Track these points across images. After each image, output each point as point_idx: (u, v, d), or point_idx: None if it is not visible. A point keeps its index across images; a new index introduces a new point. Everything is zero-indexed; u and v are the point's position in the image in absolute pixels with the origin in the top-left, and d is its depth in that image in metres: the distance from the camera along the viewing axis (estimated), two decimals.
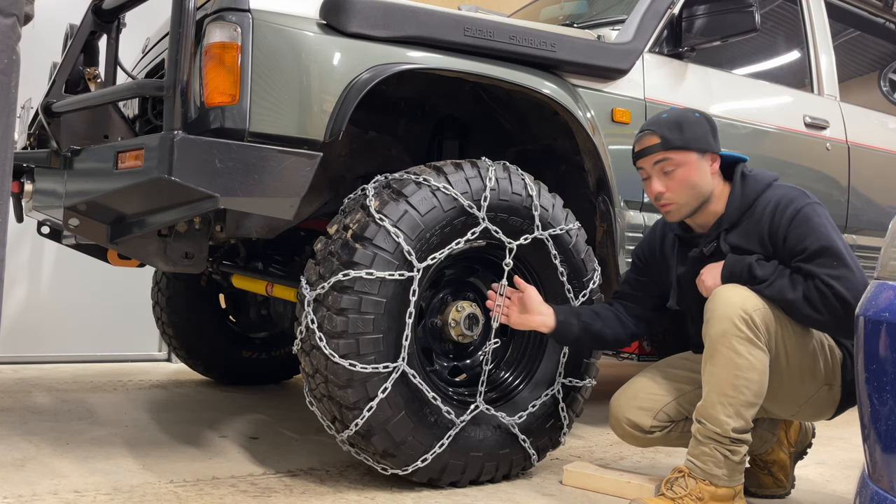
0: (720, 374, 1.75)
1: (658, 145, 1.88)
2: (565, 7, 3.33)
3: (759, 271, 1.80)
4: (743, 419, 1.75)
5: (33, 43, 2.90)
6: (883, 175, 3.28)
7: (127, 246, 1.92)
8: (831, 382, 1.86)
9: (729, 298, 1.77)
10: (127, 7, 2.15)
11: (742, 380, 1.74)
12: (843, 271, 1.72)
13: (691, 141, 1.88)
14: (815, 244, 1.76)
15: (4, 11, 1.22)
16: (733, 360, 1.74)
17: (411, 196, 1.91)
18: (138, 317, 3.87)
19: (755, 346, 1.75)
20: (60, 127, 2.12)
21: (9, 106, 1.24)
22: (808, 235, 1.77)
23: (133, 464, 2.08)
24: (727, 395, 1.74)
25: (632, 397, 2.02)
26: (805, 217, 1.79)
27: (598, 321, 2.05)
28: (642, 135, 1.93)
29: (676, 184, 1.88)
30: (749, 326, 1.74)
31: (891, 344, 1.23)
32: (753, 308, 1.75)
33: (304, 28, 1.85)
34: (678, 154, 1.88)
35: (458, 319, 2.08)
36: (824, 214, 1.82)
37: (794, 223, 1.80)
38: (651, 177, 1.92)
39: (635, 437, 2.02)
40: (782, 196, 1.84)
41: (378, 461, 1.94)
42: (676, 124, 1.89)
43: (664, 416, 1.99)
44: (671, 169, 1.88)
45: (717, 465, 1.76)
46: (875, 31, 3.69)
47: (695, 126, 1.89)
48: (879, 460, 1.25)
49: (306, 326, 1.87)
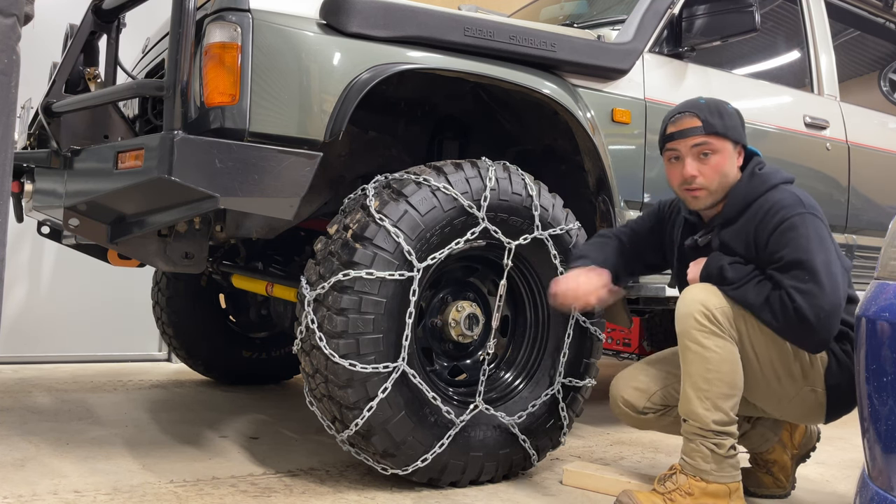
0: (691, 370, 1.80)
1: (699, 128, 1.88)
2: (565, 7, 3.33)
3: (730, 273, 1.82)
4: (721, 411, 1.78)
5: (33, 43, 2.90)
6: (883, 175, 3.28)
7: (127, 246, 1.92)
8: (814, 385, 1.85)
9: (692, 296, 1.81)
10: (127, 7, 2.15)
11: (712, 372, 1.77)
12: (811, 287, 1.70)
13: (730, 129, 1.89)
14: (790, 255, 1.74)
15: (4, 11, 1.22)
16: (701, 354, 1.78)
17: (411, 196, 1.91)
18: (138, 317, 3.86)
19: (719, 338, 1.77)
20: (60, 127, 2.13)
21: (9, 106, 1.24)
22: (787, 245, 1.76)
23: (133, 464, 2.08)
24: (701, 388, 1.78)
25: (630, 378, 2.05)
26: (790, 226, 1.77)
27: (613, 256, 2.06)
28: (681, 116, 1.91)
29: (710, 169, 1.88)
30: (710, 320, 1.77)
31: (891, 344, 1.23)
32: (715, 305, 1.79)
33: (304, 28, 1.85)
34: (717, 140, 1.88)
35: (458, 319, 2.08)
36: (814, 226, 1.78)
37: (777, 231, 1.79)
38: (683, 159, 1.90)
39: (630, 417, 2.05)
40: (777, 201, 1.83)
41: (378, 461, 1.94)
42: (718, 111, 1.89)
43: (658, 398, 2.01)
44: (708, 153, 1.88)
45: (704, 460, 1.79)
46: (875, 31, 3.69)
47: (733, 116, 1.91)
48: (879, 460, 1.25)
49: (306, 326, 1.87)
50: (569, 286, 1.96)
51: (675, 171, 1.93)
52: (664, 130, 1.95)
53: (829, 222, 3.00)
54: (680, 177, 1.91)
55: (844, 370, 1.84)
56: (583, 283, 1.96)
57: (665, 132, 1.94)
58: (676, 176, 1.92)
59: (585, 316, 2.22)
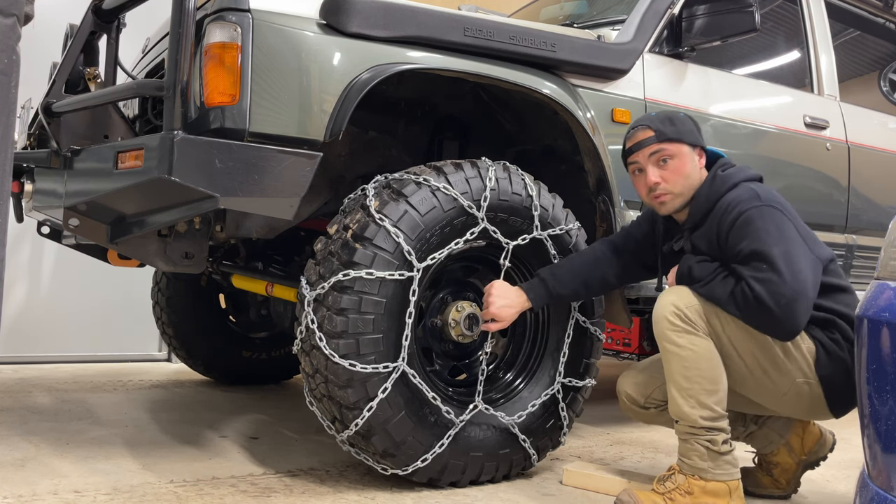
0: (671, 369, 1.84)
1: (652, 137, 1.96)
2: (565, 7, 3.33)
3: (697, 272, 1.88)
4: (706, 408, 1.81)
5: (33, 43, 2.90)
6: (883, 175, 3.28)
7: (127, 246, 1.92)
8: (806, 378, 1.85)
9: (664, 299, 1.87)
10: (127, 7, 2.15)
11: (691, 370, 1.81)
12: (769, 275, 1.74)
13: (684, 133, 1.97)
14: (748, 247, 1.79)
15: (4, 11, 1.22)
16: (677, 353, 1.82)
17: (411, 196, 1.91)
18: (138, 317, 3.86)
19: (693, 335, 1.82)
20: (60, 127, 2.12)
21: (9, 106, 1.24)
22: (744, 238, 1.81)
23: (133, 464, 2.08)
24: (683, 387, 1.82)
25: (634, 374, 2.11)
26: (746, 220, 1.82)
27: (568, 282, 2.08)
28: (634, 130, 2.00)
29: (671, 174, 1.95)
30: (682, 319, 1.82)
31: (891, 344, 1.24)
32: (686, 304, 1.83)
33: (304, 28, 1.85)
34: (672, 145, 1.96)
35: (458, 319, 2.08)
36: (772, 217, 1.81)
37: (735, 225, 1.83)
38: (645, 168, 1.98)
39: (633, 411, 2.11)
40: (734, 198, 1.88)
41: (378, 461, 1.94)
42: (668, 119, 1.98)
43: (658, 394, 2.05)
44: (666, 158, 1.95)
45: (701, 459, 1.82)
46: (875, 31, 3.69)
47: (684, 121, 1.99)
48: (879, 460, 1.25)
49: (306, 326, 1.87)
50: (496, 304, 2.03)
51: (640, 183, 2.01)
52: (624, 146, 2.05)
53: (829, 222, 3.05)
54: (645, 186, 1.98)
55: (835, 359, 1.84)
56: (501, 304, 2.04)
57: (624, 147, 2.04)
58: (642, 186, 2.00)
59: (585, 316, 2.22)
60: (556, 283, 2.06)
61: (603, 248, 2.14)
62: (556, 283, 2.06)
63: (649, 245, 2.14)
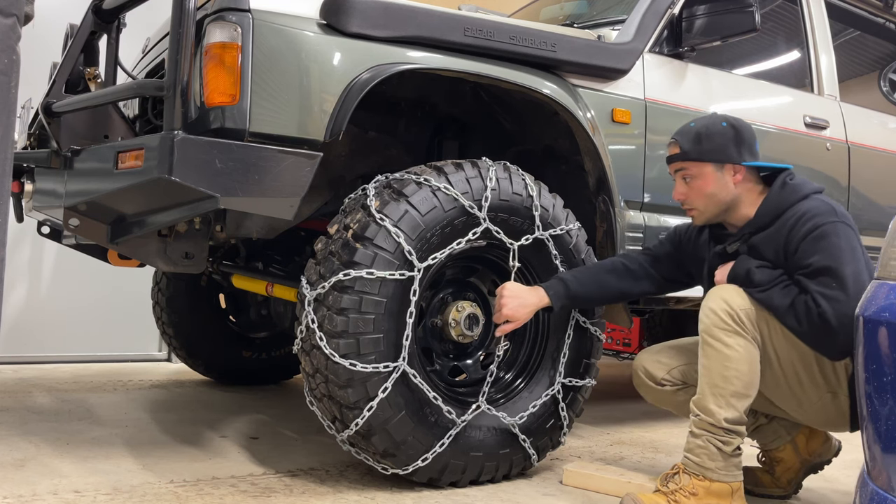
0: (710, 365, 1.82)
1: (678, 155, 1.98)
2: (565, 7, 3.33)
3: (757, 276, 1.85)
4: (735, 409, 1.80)
5: (33, 43, 2.90)
6: (883, 175, 3.28)
7: (127, 246, 1.92)
8: (835, 390, 1.85)
9: (717, 294, 1.85)
10: (127, 7, 2.15)
11: (731, 370, 1.79)
12: (838, 294, 1.72)
13: (706, 153, 1.94)
14: (819, 262, 1.77)
15: (4, 11, 1.22)
16: (722, 351, 1.81)
17: (412, 196, 1.91)
18: (138, 317, 3.86)
19: (741, 338, 1.80)
20: (60, 127, 2.12)
21: (9, 106, 1.24)
22: (817, 252, 1.78)
23: (133, 464, 2.08)
24: (717, 385, 1.80)
25: (653, 352, 2.14)
26: (821, 234, 1.80)
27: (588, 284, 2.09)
28: (671, 142, 2.02)
29: (693, 192, 1.97)
30: (734, 319, 1.80)
31: (891, 344, 1.23)
32: (739, 306, 1.82)
33: (305, 28, 1.85)
34: (694, 166, 1.96)
35: (458, 319, 2.08)
36: (846, 235, 1.80)
37: (808, 238, 1.81)
38: (676, 181, 2.01)
39: (648, 387, 2.11)
40: (809, 209, 1.85)
41: (378, 461, 1.94)
42: (696, 136, 1.95)
43: (677, 373, 2.06)
44: (688, 178, 1.97)
45: (710, 458, 1.81)
46: (875, 31, 3.69)
47: (715, 137, 1.94)
48: (879, 460, 1.25)
49: (306, 326, 1.87)
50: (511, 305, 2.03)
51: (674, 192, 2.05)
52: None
53: None
54: (675, 197, 2.03)
55: None
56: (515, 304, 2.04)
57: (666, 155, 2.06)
58: (675, 195, 2.04)
59: (585, 316, 2.22)
60: (575, 283, 2.07)
61: (622, 259, 2.16)
62: (575, 283, 2.07)
63: (672, 262, 2.15)
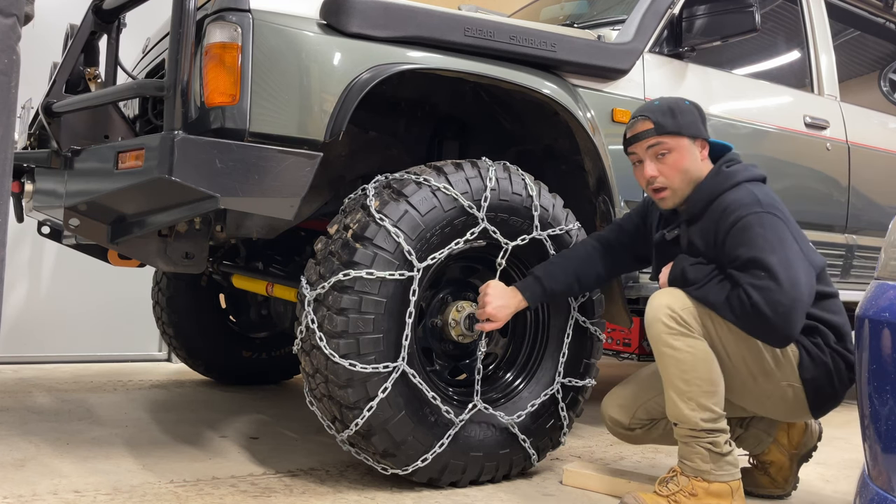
0: (669, 372, 1.83)
1: (651, 130, 1.93)
2: (565, 7, 3.33)
3: (691, 275, 1.86)
4: (707, 409, 1.80)
5: (33, 43, 2.90)
6: (883, 175, 3.28)
7: (127, 246, 1.92)
8: (790, 381, 1.87)
9: (657, 302, 1.85)
10: (127, 7, 2.15)
11: (689, 373, 1.80)
12: (768, 283, 1.72)
13: (683, 126, 1.93)
14: (745, 254, 1.77)
15: (4, 11, 1.22)
16: (674, 356, 1.81)
17: (412, 196, 1.91)
18: (138, 317, 3.86)
19: (690, 338, 1.81)
20: (61, 127, 2.12)
21: (9, 106, 1.24)
22: (742, 245, 1.79)
23: (133, 464, 2.08)
24: (682, 390, 1.81)
25: (615, 397, 2.10)
26: (744, 226, 1.80)
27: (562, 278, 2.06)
28: (635, 121, 1.98)
29: (669, 168, 1.93)
30: (678, 322, 1.81)
31: (891, 344, 1.23)
32: (680, 307, 1.82)
33: (305, 28, 1.85)
34: (671, 139, 1.93)
35: (458, 319, 2.08)
36: (771, 224, 1.79)
37: (733, 230, 1.81)
38: (644, 161, 1.96)
39: (620, 434, 2.10)
40: (734, 200, 1.85)
41: (378, 461, 1.94)
42: (669, 110, 1.94)
43: (641, 413, 2.05)
44: (664, 153, 1.93)
45: (703, 461, 1.81)
46: (875, 31, 3.69)
47: (686, 113, 1.95)
48: (880, 460, 1.25)
49: (306, 326, 1.87)
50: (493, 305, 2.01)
51: (639, 174, 2.00)
52: (625, 136, 2.02)
53: (830, 223, 3.05)
54: (644, 178, 1.97)
55: (818, 363, 1.86)
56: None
57: (625, 137, 2.02)
58: (641, 178, 1.99)
59: (585, 316, 2.22)
60: (550, 281, 2.05)
61: (594, 242, 2.14)
62: (550, 281, 2.05)
63: (640, 238, 2.14)
